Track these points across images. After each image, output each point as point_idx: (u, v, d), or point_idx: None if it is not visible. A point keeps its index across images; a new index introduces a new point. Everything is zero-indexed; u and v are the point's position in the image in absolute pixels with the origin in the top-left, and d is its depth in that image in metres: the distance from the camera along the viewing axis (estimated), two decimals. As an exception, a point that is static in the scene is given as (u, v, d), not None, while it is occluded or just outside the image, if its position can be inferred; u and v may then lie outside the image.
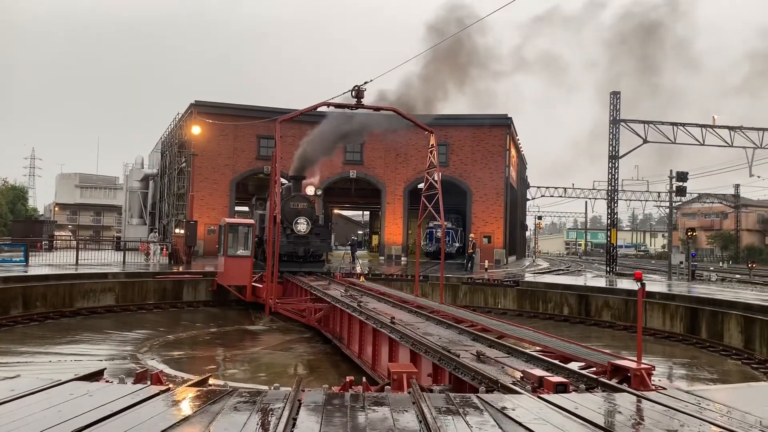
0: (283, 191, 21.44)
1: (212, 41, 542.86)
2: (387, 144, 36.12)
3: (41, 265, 24.56)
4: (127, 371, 10.96)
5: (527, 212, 64.10)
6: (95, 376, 6.52)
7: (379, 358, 11.54)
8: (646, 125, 33.26)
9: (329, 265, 26.90)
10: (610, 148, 33.46)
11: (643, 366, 7.36)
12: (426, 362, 9.07)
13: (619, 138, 33.30)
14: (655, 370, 7.67)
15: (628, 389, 6.67)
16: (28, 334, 16.45)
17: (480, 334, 10.44)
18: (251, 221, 23.26)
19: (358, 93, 16.29)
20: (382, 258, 37.49)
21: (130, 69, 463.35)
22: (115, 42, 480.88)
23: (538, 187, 64.30)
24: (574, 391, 6.63)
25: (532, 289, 23.62)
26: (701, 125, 33.67)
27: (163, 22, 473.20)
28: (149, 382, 6.56)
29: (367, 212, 64.87)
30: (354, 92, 16.29)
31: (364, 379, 8.00)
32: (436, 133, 18.38)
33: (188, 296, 22.76)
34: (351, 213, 74.57)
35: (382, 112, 17.71)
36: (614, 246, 35.15)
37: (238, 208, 39.66)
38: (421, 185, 19.81)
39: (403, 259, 36.65)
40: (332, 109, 18.77)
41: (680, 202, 58.74)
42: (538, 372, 7.14)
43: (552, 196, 65.45)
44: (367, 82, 16.40)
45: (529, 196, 62.13)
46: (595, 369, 7.91)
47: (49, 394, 5.36)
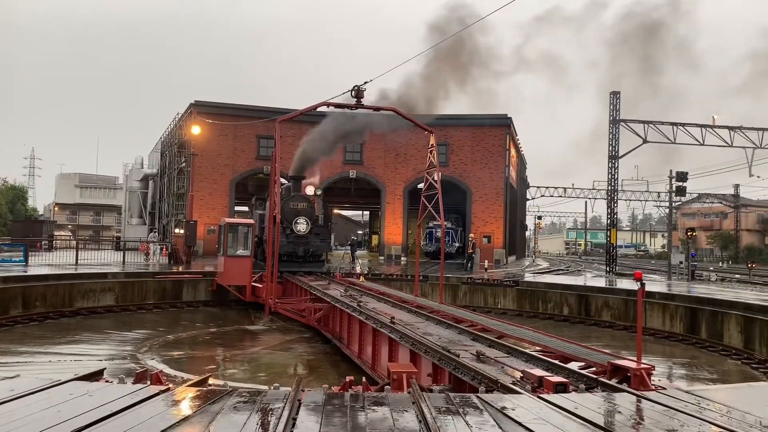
0: (282, 191, 21.44)
1: (212, 41, 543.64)
2: (387, 144, 36.12)
3: (41, 265, 24.55)
4: (126, 371, 10.97)
5: (527, 212, 64.13)
6: (95, 376, 6.51)
7: (379, 358, 11.53)
8: (646, 125, 33.26)
9: (329, 265, 26.91)
10: (610, 148, 33.47)
11: (643, 366, 7.36)
12: (426, 362, 9.07)
13: (619, 138, 33.32)
14: (654, 370, 7.68)
15: (628, 389, 6.67)
16: (27, 334, 16.44)
17: (480, 334, 10.44)
18: (251, 221, 23.23)
19: (358, 93, 16.28)
20: (382, 258, 37.47)
21: (130, 69, 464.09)
22: (115, 42, 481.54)
23: (538, 187, 64.38)
24: (574, 391, 6.63)
25: (532, 289, 23.62)
26: (701, 125, 33.67)
27: (163, 22, 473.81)
28: (149, 382, 6.56)
29: (367, 212, 64.82)
30: (354, 92, 16.29)
31: (364, 379, 8.00)
32: (436, 133, 18.37)
33: (188, 296, 22.77)
34: (351, 213, 74.53)
35: (382, 112, 17.72)
36: (614, 246, 35.15)
37: (237, 208, 39.65)
38: (421, 185, 19.80)
39: (402, 259, 36.64)
40: (332, 109, 18.76)
41: (680, 202, 58.78)
42: (538, 372, 7.14)
43: (552, 196, 65.59)
44: (367, 82, 16.40)
45: (529, 196, 62.15)
46: (594, 369, 7.92)
47: (49, 394, 5.36)
